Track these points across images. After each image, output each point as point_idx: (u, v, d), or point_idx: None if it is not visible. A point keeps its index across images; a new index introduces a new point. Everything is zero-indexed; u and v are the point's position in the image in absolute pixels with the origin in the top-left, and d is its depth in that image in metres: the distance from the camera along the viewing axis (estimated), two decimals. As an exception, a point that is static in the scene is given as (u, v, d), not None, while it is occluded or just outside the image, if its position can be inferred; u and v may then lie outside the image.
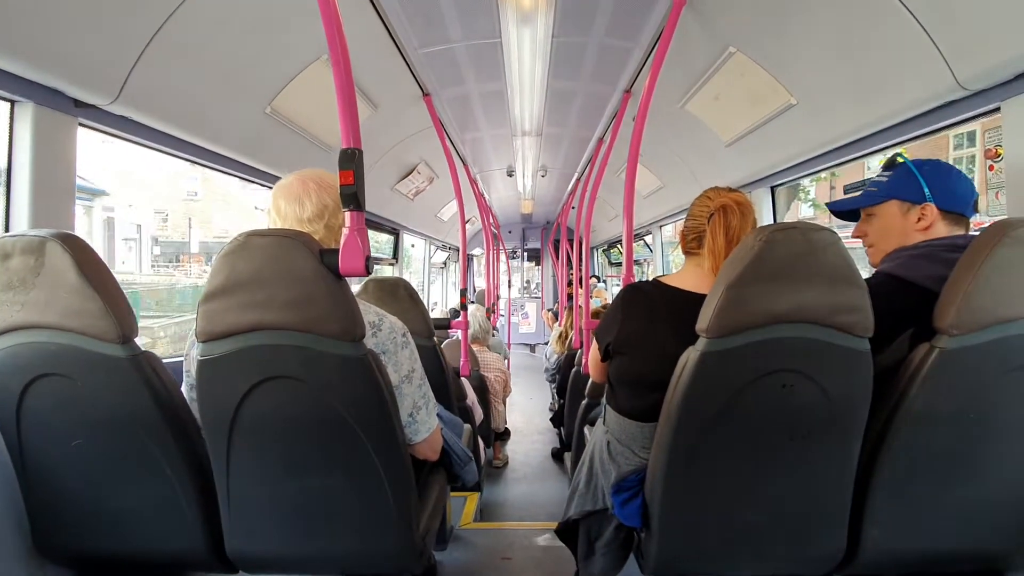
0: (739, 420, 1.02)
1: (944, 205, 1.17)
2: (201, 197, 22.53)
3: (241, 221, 21.71)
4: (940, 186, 1.18)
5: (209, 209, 22.82)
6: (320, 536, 1.10)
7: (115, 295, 1.00)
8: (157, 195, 21.78)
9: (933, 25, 1.35)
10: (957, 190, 1.18)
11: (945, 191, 1.18)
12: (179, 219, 22.42)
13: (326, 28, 1.03)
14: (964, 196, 1.18)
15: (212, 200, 22.67)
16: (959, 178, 1.19)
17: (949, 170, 1.20)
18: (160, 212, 22.36)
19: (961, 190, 1.18)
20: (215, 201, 22.68)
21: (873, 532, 1.09)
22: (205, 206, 22.84)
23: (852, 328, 0.98)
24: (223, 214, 22.66)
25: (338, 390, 0.99)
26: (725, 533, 1.10)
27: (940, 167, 1.20)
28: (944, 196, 1.18)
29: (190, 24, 1.47)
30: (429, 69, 2.53)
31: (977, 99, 1.40)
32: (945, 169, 1.20)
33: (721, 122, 2.56)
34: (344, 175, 0.97)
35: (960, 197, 1.18)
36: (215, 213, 22.83)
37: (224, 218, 22.63)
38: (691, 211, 1.31)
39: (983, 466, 1.06)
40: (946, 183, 1.18)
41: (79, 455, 1.07)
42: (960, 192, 1.18)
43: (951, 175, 1.19)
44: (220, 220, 22.63)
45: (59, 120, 1.35)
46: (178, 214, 22.36)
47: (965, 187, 1.19)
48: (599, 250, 8.22)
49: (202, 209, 22.83)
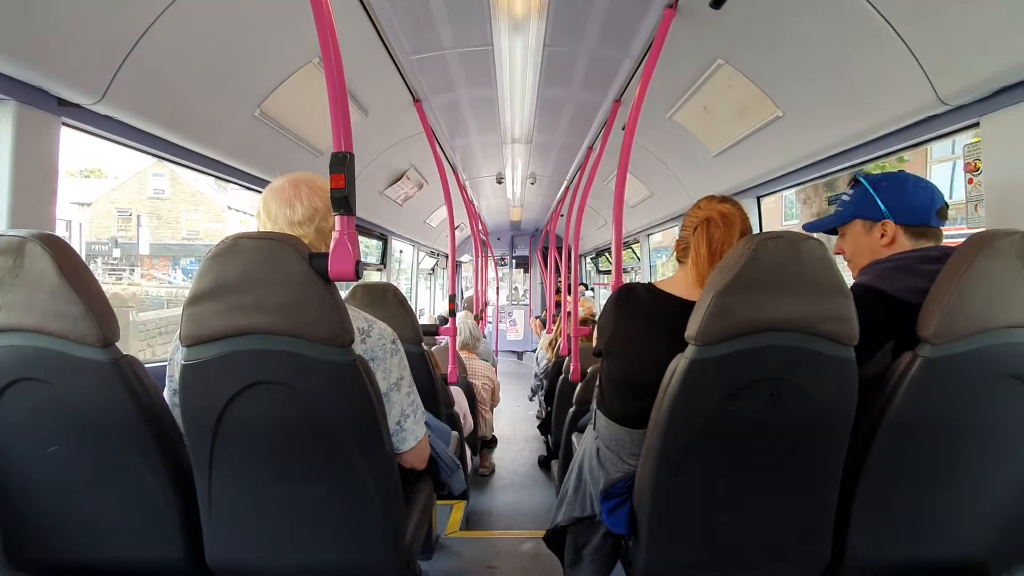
0: (728, 427, 1.02)
1: (901, 220, 1.21)
2: (169, 195, 21.67)
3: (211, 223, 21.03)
4: (895, 202, 1.21)
5: (177, 209, 21.89)
6: (303, 545, 1.08)
7: (96, 297, 0.98)
8: (121, 192, 20.95)
9: (915, 41, 1.38)
10: (914, 204, 1.21)
11: (901, 206, 1.21)
12: (144, 218, 21.52)
13: (319, 32, 1.03)
14: (922, 208, 1.20)
15: (180, 200, 21.77)
16: (915, 190, 1.21)
17: (904, 183, 1.22)
18: (124, 211, 21.43)
19: (918, 203, 1.20)
20: (182, 201, 21.80)
21: (857, 540, 1.10)
22: (173, 205, 21.92)
23: (838, 336, 0.99)
24: (191, 215, 21.76)
25: (326, 396, 0.98)
26: (712, 541, 1.11)
27: (895, 182, 1.23)
28: (900, 211, 1.21)
29: (180, 24, 1.46)
30: (420, 75, 2.53)
31: (957, 114, 1.44)
32: (900, 183, 1.23)
33: (709, 133, 2.59)
34: (335, 179, 0.97)
35: (918, 210, 1.20)
36: (182, 213, 21.90)
37: (192, 219, 21.75)
38: (684, 221, 1.33)
39: (965, 473, 1.08)
40: (901, 199, 1.21)
41: (56, 461, 1.04)
42: (917, 205, 1.20)
43: (906, 189, 1.22)
44: (187, 221, 21.76)
45: (42, 119, 1.33)
46: (145, 213, 21.48)
47: (922, 198, 1.21)
48: (587, 258, 8.26)
49: (169, 208, 21.93)
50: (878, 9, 1.39)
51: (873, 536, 1.10)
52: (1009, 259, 0.98)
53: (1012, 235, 0.98)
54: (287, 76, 1.99)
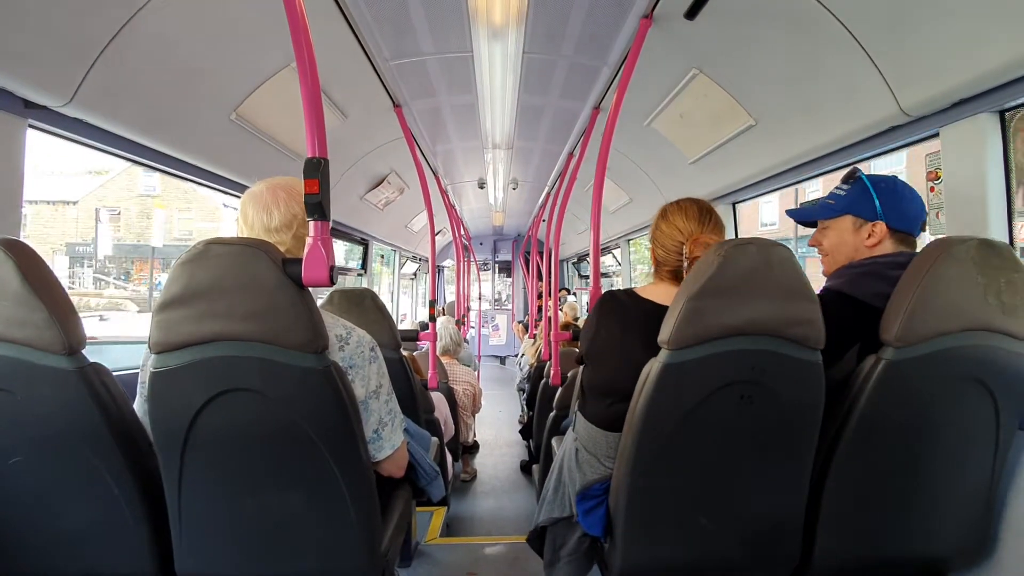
0: (700, 430, 1.04)
1: (894, 224, 1.22)
2: (159, 193, 20.02)
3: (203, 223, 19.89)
4: (893, 206, 1.22)
5: (169, 207, 20.21)
6: (276, 554, 1.06)
7: (62, 304, 0.96)
8: (109, 189, 19.53)
9: (879, 55, 1.44)
10: (908, 211, 1.23)
11: (896, 211, 1.22)
12: (133, 218, 19.93)
13: (293, 35, 1.03)
14: (914, 216, 1.23)
15: (172, 198, 20.16)
16: (911, 199, 1.24)
17: (903, 190, 1.24)
18: (112, 208, 19.65)
19: (912, 211, 1.23)
20: (175, 200, 20.17)
21: (825, 540, 1.13)
22: (165, 203, 20.16)
23: (805, 340, 1.02)
24: (185, 214, 20.19)
25: (299, 403, 0.97)
26: (685, 542, 1.12)
27: (895, 186, 1.25)
28: (895, 215, 1.22)
29: (153, 25, 1.44)
30: (400, 80, 2.54)
31: (918, 125, 1.49)
32: (899, 189, 1.24)
33: (686, 140, 2.64)
34: (309, 184, 0.96)
35: (910, 218, 1.23)
36: (174, 212, 20.25)
37: (185, 218, 20.13)
38: (657, 235, 1.29)
39: (928, 473, 1.11)
40: (899, 204, 1.22)
41: (18, 473, 1.01)
42: (911, 213, 1.23)
43: (904, 196, 1.23)
44: (180, 222, 20.21)
45: (7, 121, 1.29)
46: (132, 213, 19.86)
47: (916, 208, 1.24)
48: (569, 262, 8.31)
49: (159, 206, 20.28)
50: (843, 23, 1.44)
51: (841, 535, 1.13)
52: (966, 265, 1.02)
53: (968, 242, 1.03)
54: (265, 79, 1.98)
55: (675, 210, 1.28)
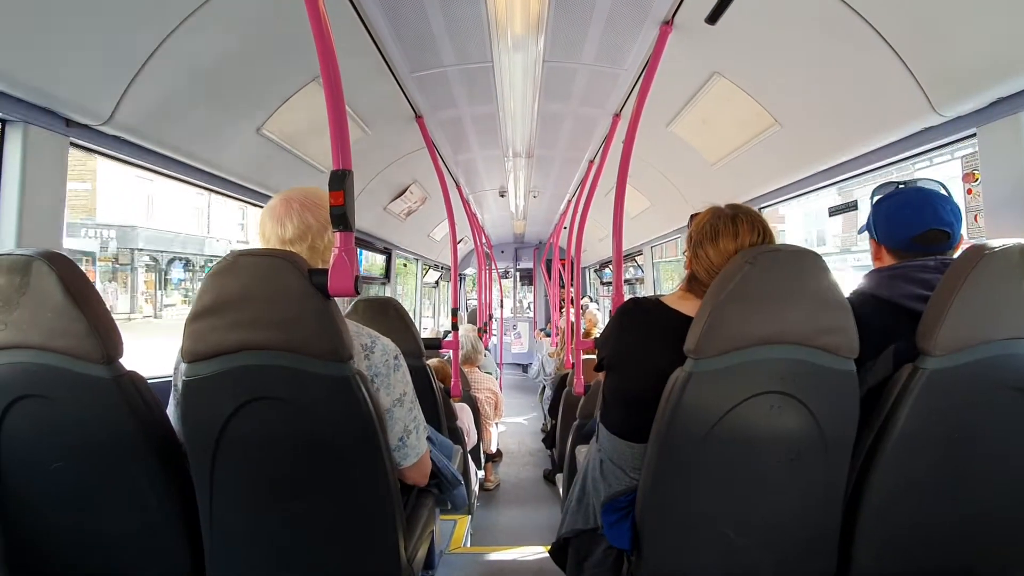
0: (728, 441, 1.02)
1: (881, 241, 1.25)
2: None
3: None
4: (881, 222, 1.25)
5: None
6: (304, 562, 1.07)
7: (101, 314, 0.99)
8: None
9: (910, 55, 1.40)
10: (891, 227, 1.23)
11: (882, 227, 1.25)
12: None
13: (319, 51, 1.05)
14: (897, 232, 1.22)
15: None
16: (896, 214, 1.22)
17: (888, 209, 1.24)
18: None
19: (894, 228, 1.22)
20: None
21: (862, 553, 1.08)
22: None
23: (837, 349, 0.99)
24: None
25: (324, 411, 0.98)
26: (714, 557, 1.09)
27: (881, 205, 1.26)
28: (881, 232, 1.25)
29: (186, 45, 1.49)
30: (422, 92, 2.57)
31: (953, 125, 1.44)
32: (884, 207, 1.25)
33: (707, 144, 2.61)
34: (334, 196, 0.98)
35: (893, 234, 1.22)
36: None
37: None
38: (700, 255, 1.18)
39: (970, 486, 1.06)
40: (884, 219, 1.25)
41: (58, 478, 1.05)
42: (893, 229, 1.22)
43: (888, 211, 1.24)
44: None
45: (50, 140, 1.36)
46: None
47: (900, 225, 1.21)
48: (591, 269, 8.26)
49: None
50: (871, 23, 1.41)
51: (878, 549, 1.09)
52: (1007, 270, 0.98)
53: (1009, 246, 0.98)
54: (291, 95, 2.03)
55: (726, 231, 1.14)
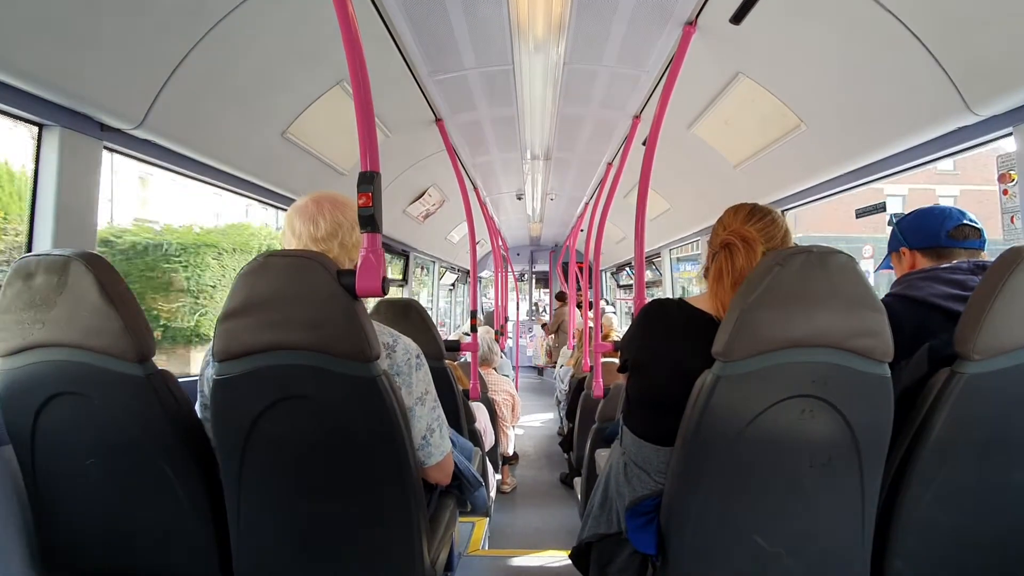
0: (757, 446, 1.00)
1: (913, 244, 1.31)
2: None
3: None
4: (907, 228, 1.32)
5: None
6: (329, 560, 1.08)
7: (135, 314, 1.02)
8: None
9: (941, 52, 1.36)
10: (922, 226, 1.30)
11: (910, 230, 1.32)
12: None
13: (348, 55, 1.06)
14: (929, 229, 1.28)
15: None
16: (926, 215, 1.31)
17: (919, 213, 1.33)
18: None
19: (926, 225, 1.29)
20: None
21: (897, 564, 1.05)
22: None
23: (871, 352, 0.96)
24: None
25: (351, 411, 0.99)
26: (743, 564, 1.07)
27: (914, 213, 1.34)
28: (910, 235, 1.32)
29: (215, 52, 1.52)
30: (442, 95, 2.59)
31: (989, 124, 1.40)
32: (916, 213, 1.34)
33: (729, 145, 2.58)
34: (363, 197, 0.99)
35: (925, 231, 1.29)
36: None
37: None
38: (711, 239, 1.26)
39: (1010, 494, 1.03)
40: (912, 224, 1.32)
41: (91, 473, 1.07)
42: (925, 227, 1.29)
43: (918, 216, 1.32)
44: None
45: (85, 143, 1.39)
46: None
47: (931, 221, 1.29)
48: (608, 272, 8.22)
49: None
50: (903, 21, 1.38)
51: (914, 560, 1.05)
52: None
53: None
54: (314, 99, 2.06)
55: (729, 210, 1.27)
